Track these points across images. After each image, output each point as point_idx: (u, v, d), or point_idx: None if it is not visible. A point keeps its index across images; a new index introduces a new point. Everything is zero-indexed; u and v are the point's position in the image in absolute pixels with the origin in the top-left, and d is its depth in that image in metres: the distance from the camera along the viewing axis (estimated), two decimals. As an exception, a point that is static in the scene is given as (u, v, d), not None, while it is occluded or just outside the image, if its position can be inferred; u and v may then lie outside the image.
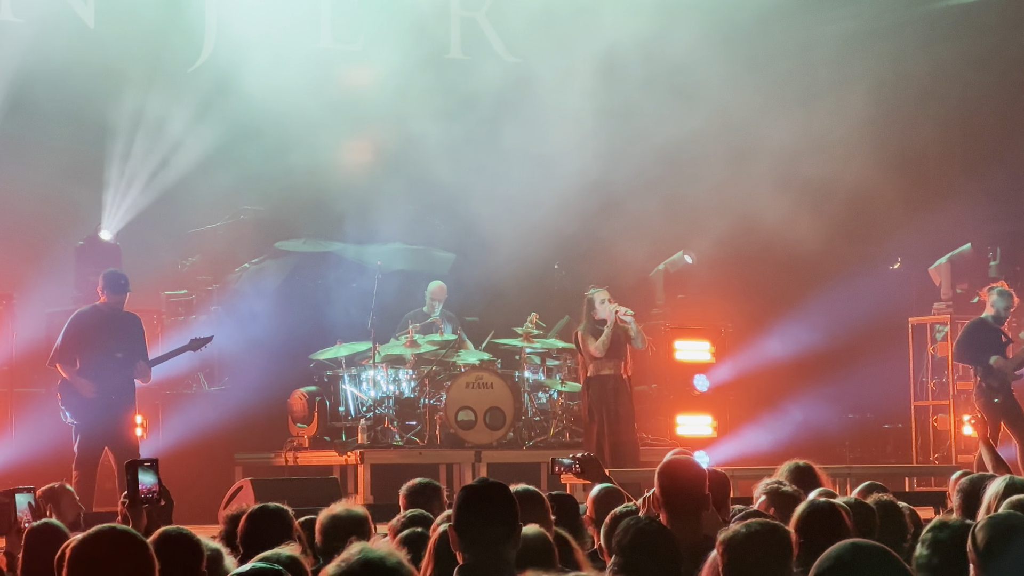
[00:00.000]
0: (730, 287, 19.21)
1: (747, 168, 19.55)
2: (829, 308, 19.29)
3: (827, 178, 19.68)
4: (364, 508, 7.22)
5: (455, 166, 18.47)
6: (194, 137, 17.72)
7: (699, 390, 18.47)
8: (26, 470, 14.89)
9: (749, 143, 19.59)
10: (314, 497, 12.46)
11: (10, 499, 6.67)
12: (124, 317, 14.02)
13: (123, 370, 13.83)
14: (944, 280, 18.73)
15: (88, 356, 13.78)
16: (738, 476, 12.89)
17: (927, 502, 12.27)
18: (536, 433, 17.23)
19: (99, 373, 13.74)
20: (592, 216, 18.93)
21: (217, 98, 17.97)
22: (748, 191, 19.32)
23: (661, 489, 6.63)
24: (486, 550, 5.61)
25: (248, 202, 18.46)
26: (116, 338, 13.87)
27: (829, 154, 19.64)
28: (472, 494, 5.75)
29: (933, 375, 18.47)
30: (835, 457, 18.56)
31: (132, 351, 13.94)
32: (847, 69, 20.06)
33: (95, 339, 13.78)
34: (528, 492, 6.95)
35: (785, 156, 19.34)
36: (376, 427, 16.71)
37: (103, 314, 13.89)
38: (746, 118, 19.48)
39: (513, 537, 5.66)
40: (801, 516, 6.30)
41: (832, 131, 19.53)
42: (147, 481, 6.58)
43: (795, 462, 8.65)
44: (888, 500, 7.70)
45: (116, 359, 13.83)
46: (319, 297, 18.24)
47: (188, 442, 14.29)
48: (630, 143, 18.91)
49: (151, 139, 17.64)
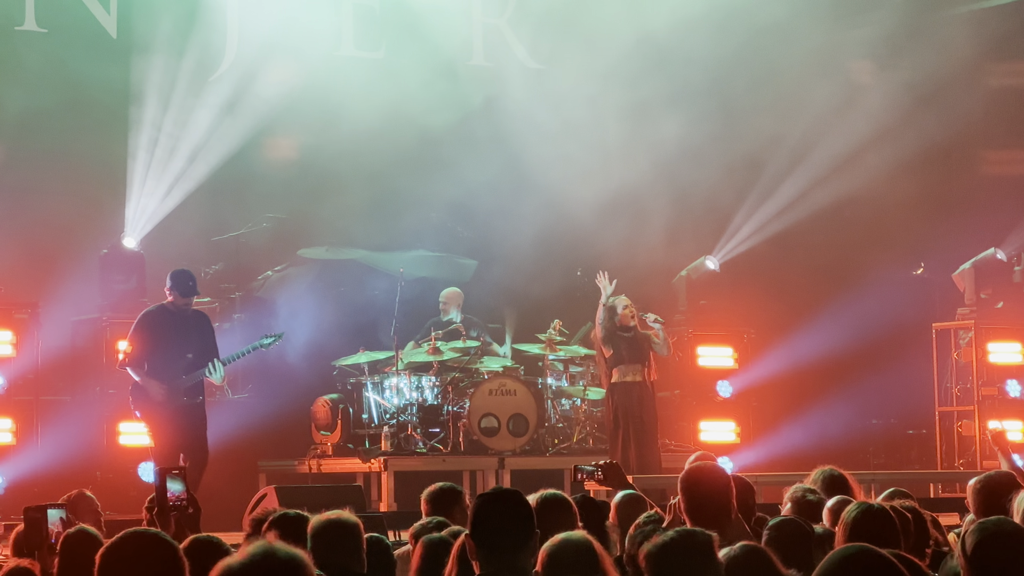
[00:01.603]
0: (753, 293, 19.18)
1: (769, 173, 19.55)
2: (852, 314, 19.25)
3: (850, 183, 19.66)
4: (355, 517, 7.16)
5: (477, 172, 18.48)
6: (216, 145, 17.76)
7: (722, 396, 18.44)
8: (52, 478, 14.94)
9: (771, 149, 19.58)
10: (338, 504, 12.46)
11: (42, 514, 6.69)
12: (193, 316, 13.89)
13: (193, 371, 13.80)
14: (968, 285, 18.67)
15: (157, 357, 13.67)
16: (762, 482, 12.87)
17: (952, 508, 12.22)
18: (559, 440, 17.23)
19: (169, 375, 13.69)
20: (615, 222, 18.90)
21: (238, 106, 18.01)
22: (771, 196, 19.30)
23: (685, 497, 6.60)
24: (502, 558, 5.59)
25: (271, 210, 18.48)
26: (186, 338, 13.75)
27: (851, 159, 19.61)
28: (487, 503, 5.72)
29: (957, 380, 18.41)
30: (859, 463, 18.50)
31: (203, 351, 13.83)
32: (868, 73, 20.02)
33: (164, 340, 13.67)
34: (555, 498, 6.93)
35: (807, 161, 19.33)
36: (399, 434, 16.72)
37: (170, 313, 13.74)
38: (767, 123, 19.46)
39: (529, 545, 5.63)
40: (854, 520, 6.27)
41: (855, 136, 19.51)
42: (175, 489, 6.61)
43: (827, 469, 8.65)
44: (910, 507, 7.67)
45: (186, 360, 13.77)
46: (342, 305, 18.25)
47: (212, 450, 14.27)
48: (653, 148, 18.90)
49: (173, 147, 17.68)
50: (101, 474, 15.91)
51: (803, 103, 19.50)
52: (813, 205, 19.51)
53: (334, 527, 6.71)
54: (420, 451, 16.66)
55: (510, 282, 18.65)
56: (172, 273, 13.88)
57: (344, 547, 6.60)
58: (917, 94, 19.88)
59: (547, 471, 16.50)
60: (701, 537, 5.43)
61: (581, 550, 5.84)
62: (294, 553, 3.94)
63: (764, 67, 19.58)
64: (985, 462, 17.37)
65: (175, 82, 17.69)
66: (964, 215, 19.75)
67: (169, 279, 13.80)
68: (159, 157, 17.65)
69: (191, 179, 17.72)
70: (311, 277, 18.64)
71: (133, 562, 4.69)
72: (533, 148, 18.74)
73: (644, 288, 17.72)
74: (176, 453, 13.27)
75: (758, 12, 19.13)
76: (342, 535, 6.69)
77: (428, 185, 18.78)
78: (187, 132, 17.70)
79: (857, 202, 20.04)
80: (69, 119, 17.02)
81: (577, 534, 5.95)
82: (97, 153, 17.32)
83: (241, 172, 18.11)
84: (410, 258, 18.55)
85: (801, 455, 17.47)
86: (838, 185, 19.58)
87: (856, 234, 20.06)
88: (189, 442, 13.57)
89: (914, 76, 19.97)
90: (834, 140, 19.38)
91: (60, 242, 17.11)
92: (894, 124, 19.63)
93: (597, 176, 18.90)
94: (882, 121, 19.56)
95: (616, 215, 18.92)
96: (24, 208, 16.89)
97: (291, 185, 18.58)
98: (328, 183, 18.41)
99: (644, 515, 7.10)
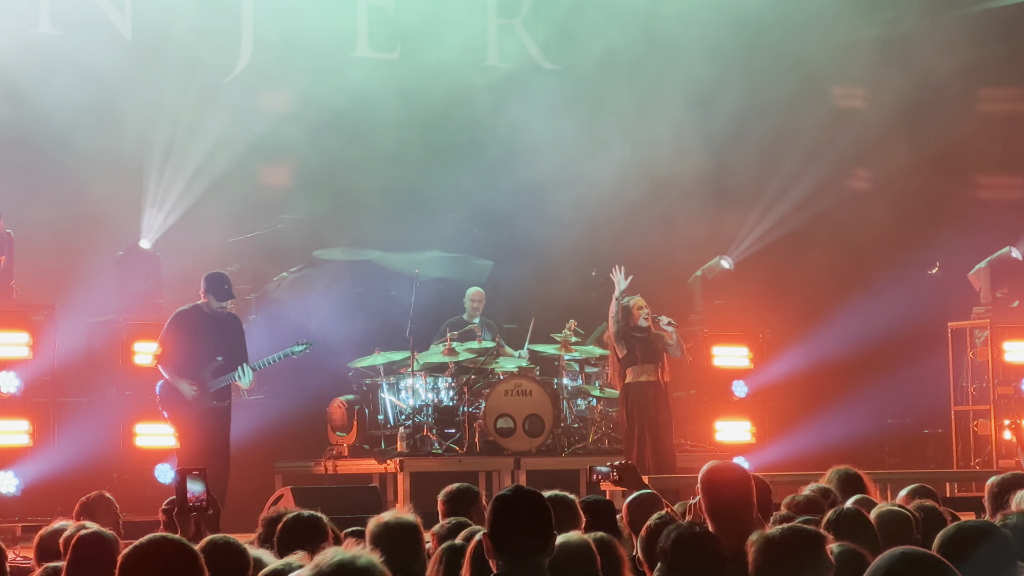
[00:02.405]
0: (768, 293, 19.17)
1: (783, 172, 19.54)
2: (868, 313, 19.23)
3: (865, 182, 19.65)
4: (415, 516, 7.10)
5: (492, 173, 18.49)
6: (231, 146, 17.78)
7: (738, 396, 18.43)
8: (68, 479, 14.98)
9: (785, 147, 19.57)
10: (355, 505, 12.51)
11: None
12: (226, 319, 13.97)
13: (223, 374, 13.82)
14: (984, 285, 18.64)
15: (190, 358, 13.72)
16: (777, 482, 12.85)
17: (968, 507, 12.19)
18: (575, 440, 17.22)
19: (198, 375, 13.72)
20: (629, 221, 18.91)
21: (253, 107, 18.04)
22: (785, 196, 19.29)
23: (707, 496, 6.58)
24: (520, 559, 5.57)
25: (286, 211, 18.51)
26: (218, 341, 13.82)
27: (866, 158, 19.60)
28: (506, 503, 5.68)
29: (973, 380, 18.38)
30: (875, 462, 18.47)
31: (233, 354, 13.89)
32: (884, 70, 20.00)
33: (196, 340, 13.73)
34: (559, 498, 6.92)
35: (821, 160, 19.32)
36: (415, 435, 16.73)
37: (204, 315, 13.82)
38: (781, 122, 19.46)
39: (548, 546, 5.61)
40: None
41: (868, 134, 19.49)
42: (195, 489, 6.61)
43: (842, 469, 8.65)
44: (930, 506, 7.67)
45: (216, 362, 13.80)
46: (357, 306, 18.27)
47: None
48: (667, 147, 18.89)
49: (188, 148, 17.70)
50: (117, 475, 15.93)
51: (818, 101, 19.48)
52: (828, 204, 19.49)
53: (394, 528, 6.60)
54: (436, 452, 16.67)
55: (525, 283, 18.66)
56: (207, 276, 13.98)
57: (404, 548, 6.48)
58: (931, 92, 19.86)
59: (563, 471, 16.50)
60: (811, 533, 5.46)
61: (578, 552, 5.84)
62: (370, 559, 3.92)
63: (778, 65, 19.55)
64: (1001, 461, 17.35)
65: (190, 83, 17.71)
66: (979, 214, 19.71)
67: (204, 282, 13.88)
68: (174, 159, 17.68)
69: (207, 181, 17.74)
70: (327, 278, 18.66)
71: (154, 568, 4.68)
72: (547, 149, 18.74)
73: (659, 289, 17.70)
74: (200, 455, 13.31)
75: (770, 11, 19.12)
76: (402, 536, 6.58)
77: (443, 186, 18.80)
78: (202, 133, 17.72)
79: (872, 201, 20.02)
80: (84, 121, 17.03)
81: (575, 536, 5.94)
82: (112, 155, 17.34)
83: (256, 173, 18.12)
84: (425, 259, 18.56)
85: (817, 455, 17.45)
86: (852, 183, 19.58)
87: (872, 234, 20.02)
88: (214, 445, 13.60)
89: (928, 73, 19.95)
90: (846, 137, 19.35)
91: (76, 244, 17.14)
92: (910, 122, 19.61)
93: (611, 176, 18.90)
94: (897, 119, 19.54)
95: (630, 214, 18.92)
96: (40, 210, 16.91)
97: (307, 186, 18.60)
98: (344, 184, 18.43)
99: (656, 515, 7.08)
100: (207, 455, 13.33)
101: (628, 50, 19.04)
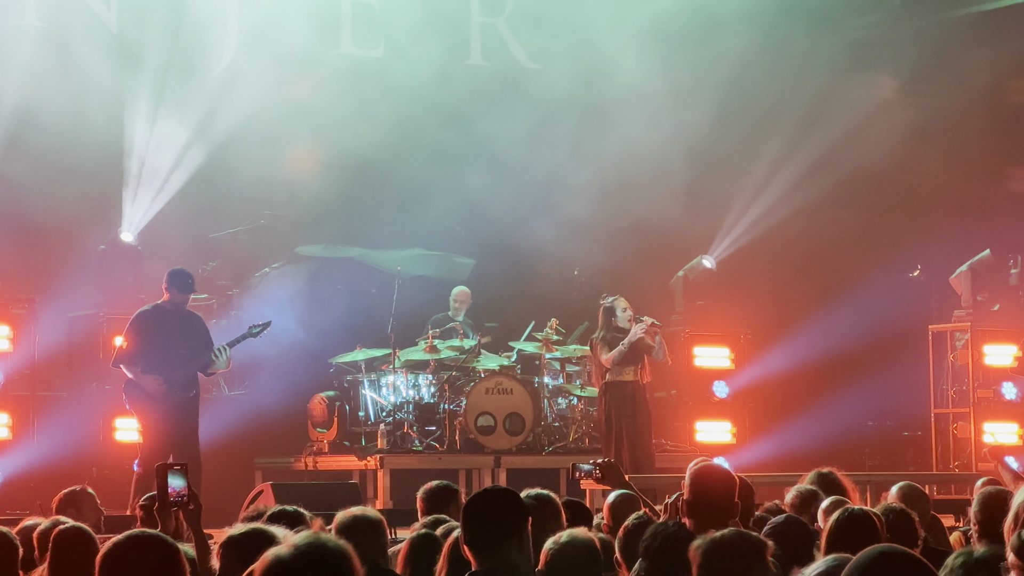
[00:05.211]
0: (750, 294, 19.20)
1: (767, 174, 19.56)
2: (849, 315, 19.27)
3: (847, 185, 19.68)
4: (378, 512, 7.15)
5: (474, 171, 18.48)
6: (214, 141, 17.75)
7: (718, 396, 18.46)
8: (48, 474, 14.95)
9: (768, 149, 19.59)
10: (334, 501, 12.46)
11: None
12: (187, 315, 14.04)
13: (187, 365, 13.86)
14: (965, 288, 18.68)
15: (152, 355, 13.75)
16: (757, 483, 12.84)
17: (947, 510, 12.23)
18: (555, 439, 17.23)
19: (164, 370, 13.75)
20: (611, 220, 18.92)
21: (237, 102, 18.00)
22: (768, 197, 19.32)
23: (691, 495, 6.60)
24: (494, 556, 5.61)
25: (268, 207, 18.49)
26: (179, 335, 13.87)
27: (849, 162, 19.62)
28: (477, 501, 5.78)
29: (953, 383, 18.42)
30: (855, 464, 18.51)
31: (196, 347, 13.94)
32: (865, 75, 20.04)
33: (158, 337, 13.77)
34: (541, 497, 6.94)
35: (805, 163, 19.34)
36: (396, 432, 16.72)
37: (166, 312, 13.88)
38: (764, 123, 19.49)
39: (517, 542, 5.65)
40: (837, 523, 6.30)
41: (851, 139, 19.52)
42: (176, 485, 6.58)
43: (822, 471, 8.69)
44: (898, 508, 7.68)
45: (179, 355, 13.84)
46: (339, 302, 18.26)
47: (208, 446, 14.28)
48: (649, 148, 18.90)
49: (171, 143, 17.67)
50: (97, 470, 15.92)
51: (798, 103, 19.50)
52: (809, 205, 19.51)
53: (361, 523, 6.69)
54: (416, 449, 16.66)
55: (507, 281, 18.66)
56: (170, 272, 14.04)
57: (370, 542, 6.55)
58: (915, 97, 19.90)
59: (543, 470, 16.50)
60: (755, 539, 5.49)
61: (585, 549, 5.85)
62: (342, 544, 3.94)
63: (764, 66, 19.58)
64: (980, 464, 17.38)
65: (173, 77, 17.68)
66: (962, 217, 19.75)
67: (167, 277, 13.93)
68: (157, 153, 17.64)
69: (189, 175, 17.71)
70: (308, 274, 18.65)
71: (135, 564, 4.68)
72: (529, 147, 18.75)
73: (640, 288, 17.71)
74: (166, 450, 13.37)
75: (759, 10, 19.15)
76: (368, 530, 6.66)
77: (425, 184, 18.79)
78: (185, 127, 17.69)
79: (854, 204, 20.06)
80: (66, 113, 16.98)
81: (581, 532, 5.96)
82: (94, 148, 17.29)
83: (239, 168, 18.09)
84: (407, 256, 18.55)
85: (797, 456, 17.50)
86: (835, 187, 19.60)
87: (853, 236, 20.06)
88: (182, 438, 13.62)
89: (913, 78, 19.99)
90: (829, 140, 19.38)
91: (57, 237, 17.10)
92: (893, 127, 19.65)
93: (594, 176, 18.91)
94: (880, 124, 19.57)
95: (612, 214, 18.93)
96: (21, 203, 16.87)
97: (288, 182, 18.57)
98: (326, 181, 18.41)
99: (633, 515, 7.10)
100: (172, 449, 13.40)
101: (611, 48, 19.04)
